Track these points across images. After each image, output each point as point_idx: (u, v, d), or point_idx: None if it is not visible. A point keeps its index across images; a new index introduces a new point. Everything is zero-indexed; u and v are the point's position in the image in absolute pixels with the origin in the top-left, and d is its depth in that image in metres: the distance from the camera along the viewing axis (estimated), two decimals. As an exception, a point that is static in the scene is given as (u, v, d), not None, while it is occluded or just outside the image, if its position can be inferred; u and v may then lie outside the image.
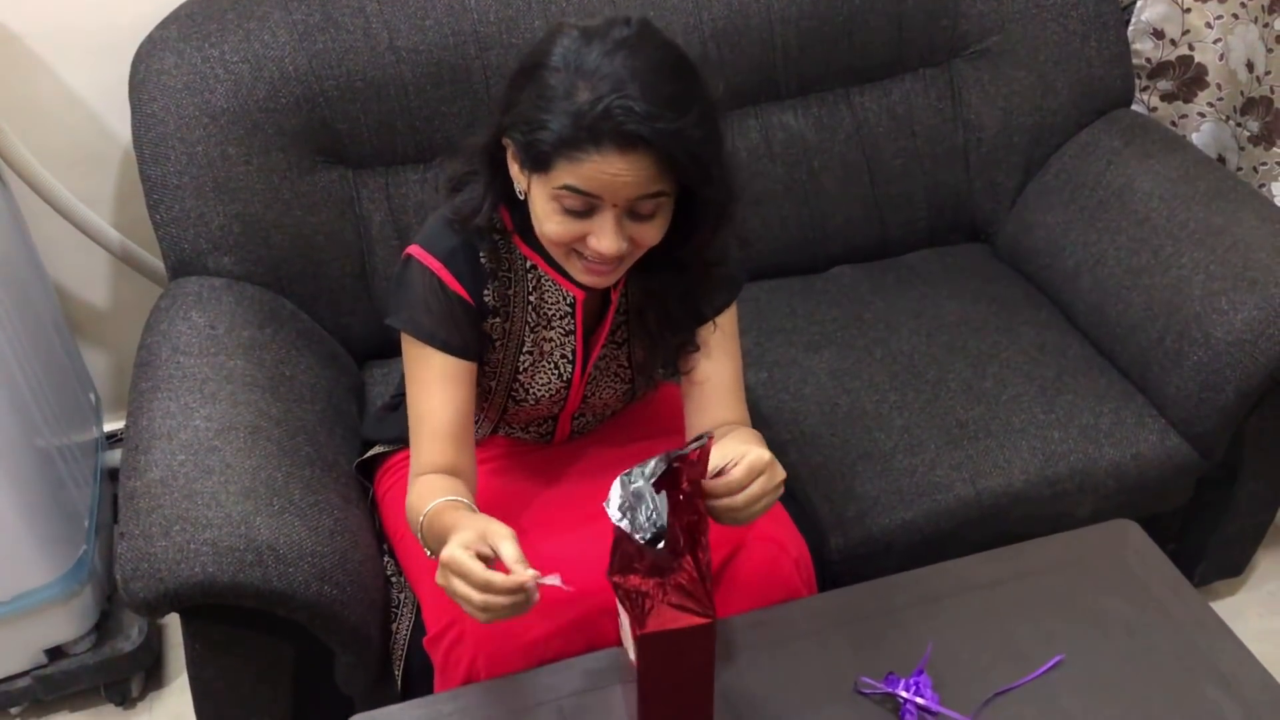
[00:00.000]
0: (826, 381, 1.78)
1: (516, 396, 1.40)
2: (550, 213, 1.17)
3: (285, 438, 1.47)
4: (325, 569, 1.35)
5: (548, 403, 1.41)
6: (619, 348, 1.40)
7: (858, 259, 2.05)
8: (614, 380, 1.43)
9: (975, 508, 1.61)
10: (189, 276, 1.69)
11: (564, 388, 1.40)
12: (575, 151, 1.10)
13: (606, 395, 1.44)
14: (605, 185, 1.12)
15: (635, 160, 1.10)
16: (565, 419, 1.48)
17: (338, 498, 1.46)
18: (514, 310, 1.33)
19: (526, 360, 1.37)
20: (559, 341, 1.37)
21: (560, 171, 1.12)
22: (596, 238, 1.16)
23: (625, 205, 1.14)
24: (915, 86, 2.01)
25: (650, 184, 1.12)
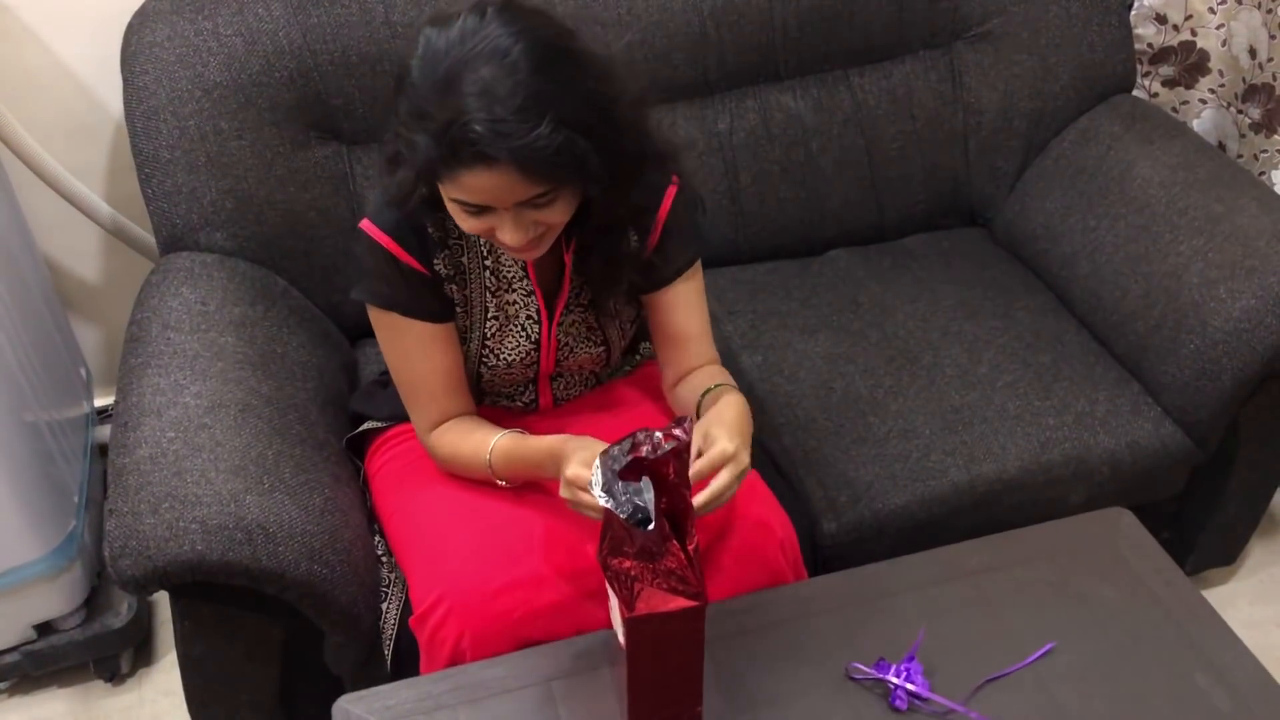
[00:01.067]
0: (821, 365, 1.77)
1: (488, 362, 1.40)
2: (456, 211, 1.19)
3: (276, 415, 1.46)
4: (315, 548, 1.34)
5: (520, 366, 1.41)
6: (585, 309, 1.40)
7: (854, 242, 2.04)
8: (586, 342, 1.42)
9: (969, 494, 1.60)
10: (180, 252, 1.68)
11: (533, 349, 1.40)
12: (445, 170, 1.13)
13: (581, 357, 1.44)
14: (485, 197, 1.14)
15: (500, 174, 1.11)
16: (544, 383, 1.48)
17: (328, 476, 1.45)
18: (470, 277, 1.34)
19: (493, 325, 1.37)
20: (522, 304, 1.37)
21: (446, 185, 1.15)
22: (500, 232, 1.19)
23: (515, 205, 1.16)
24: (915, 69, 1.99)
25: (529, 188, 1.13)
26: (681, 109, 1.91)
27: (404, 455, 1.49)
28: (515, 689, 1.22)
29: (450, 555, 1.34)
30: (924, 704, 1.20)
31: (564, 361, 1.44)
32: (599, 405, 1.52)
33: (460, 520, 1.38)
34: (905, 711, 1.19)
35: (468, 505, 1.39)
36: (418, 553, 1.38)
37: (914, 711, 1.20)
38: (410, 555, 1.40)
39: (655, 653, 1.11)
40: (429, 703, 1.21)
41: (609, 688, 1.22)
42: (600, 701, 1.21)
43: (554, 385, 1.49)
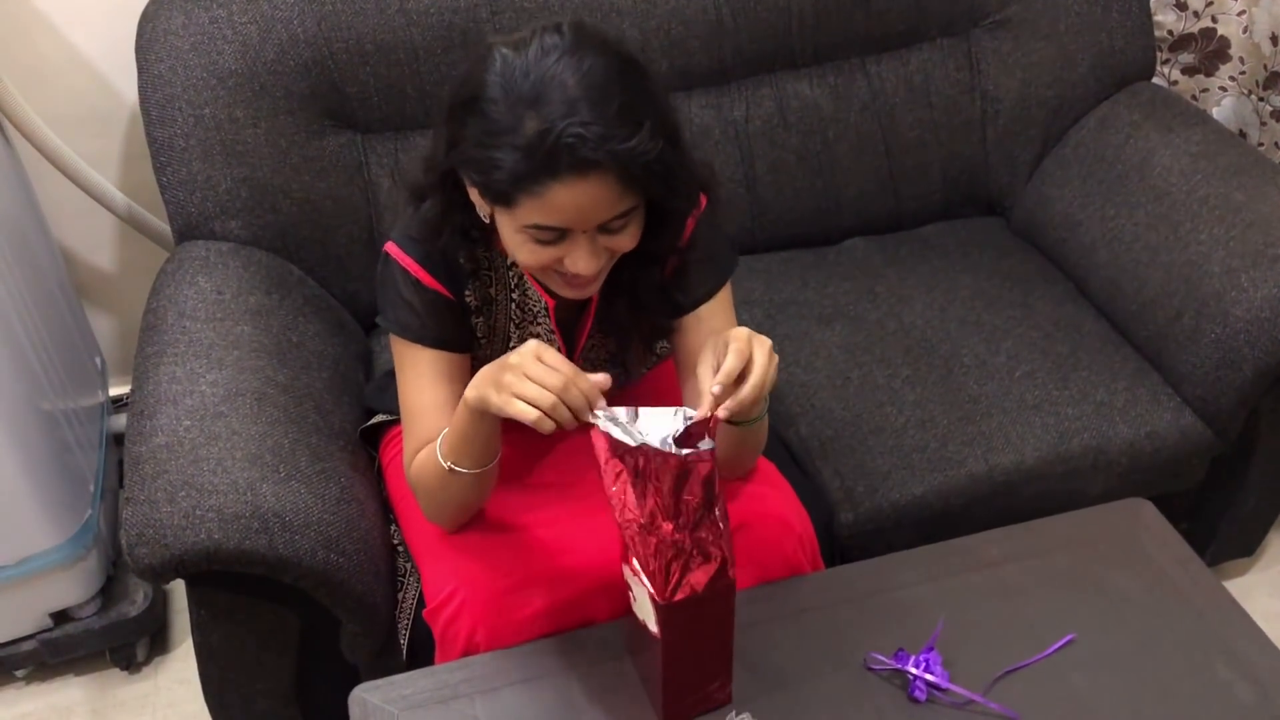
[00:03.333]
0: (838, 355, 1.76)
1: None
2: (520, 243, 1.14)
3: (292, 404, 1.46)
4: (331, 537, 1.34)
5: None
6: (606, 337, 1.38)
7: (871, 231, 2.03)
8: (605, 366, 1.40)
9: (987, 484, 1.59)
10: (195, 240, 1.67)
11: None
12: (534, 186, 1.07)
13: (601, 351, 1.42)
14: (571, 215, 1.09)
15: (597, 184, 1.07)
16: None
17: (344, 465, 1.45)
18: (497, 309, 1.31)
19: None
20: (545, 338, 1.34)
21: (523, 208, 1.09)
22: (572, 260, 1.13)
23: (594, 227, 1.11)
24: (933, 56, 1.98)
25: (616, 204, 1.10)
26: (697, 96, 1.90)
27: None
28: (531, 679, 1.22)
29: (463, 551, 1.33)
30: (943, 695, 1.19)
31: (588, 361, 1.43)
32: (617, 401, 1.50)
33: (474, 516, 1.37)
34: (924, 702, 1.19)
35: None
36: (431, 547, 1.38)
37: (933, 702, 1.19)
38: (424, 549, 1.39)
39: (689, 633, 1.10)
40: (445, 692, 1.21)
41: (625, 678, 1.22)
42: (616, 692, 1.20)
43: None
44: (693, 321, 1.32)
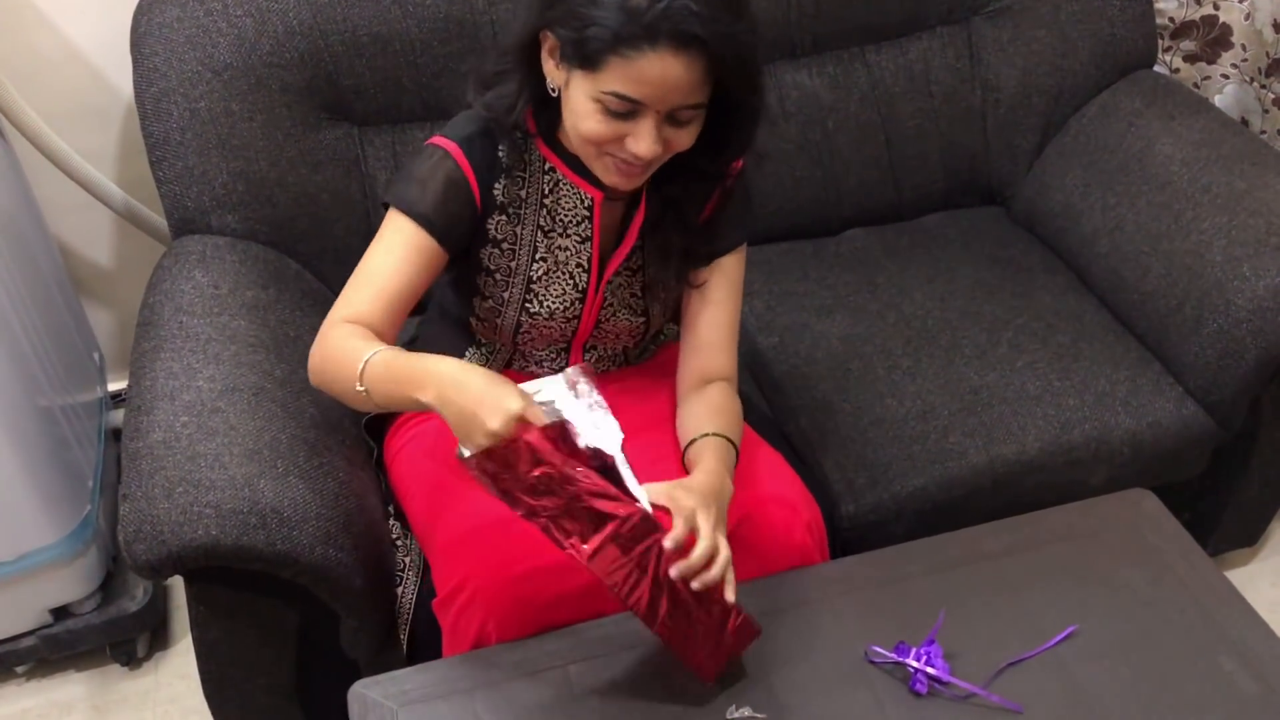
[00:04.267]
0: (838, 346, 1.76)
1: (531, 308, 1.37)
2: (590, 112, 1.17)
3: (289, 399, 1.45)
4: (330, 532, 1.33)
5: (561, 320, 1.39)
6: (634, 274, 1.39)
7: (871, 222, 2.02)
8: (628, 310, 1.41)
9: (988, 475, 1.59)
10: (192, 235, 1.67)
11: (579, 299, 1.38)
12: (629, 50, 1.11)
13: (620, 325, 1.43)
14: (653, 90, 1.13)
15: (689, 62, 1.11)
16: (577, 350, 1.46)
17: (342, 460, 1.44)
18: (525, 212, 1.33)
19: (540, 268, 1.36)
20: (574, 250, 1.36)
21: (609, 73, 1.13)
22: (634, 140, 1.17)
23: (667, 110, 1.16)
24: (933, 45, 1.97)
25: (697, 90, 1.15)
26: (696, 88, 1.89)
27: (425, 435, 1.46)
28: (533, 673, 1.21)
29: (474, 539, 1.33)
30: (944, 688, 1.19)
31: (605, 323, 1.42)
32: (624, 389, 1.49)
33: (485, 504, 1.36)
34: (925, 695, 1.18)
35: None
36: (441, 536, 1.37)
37: (934, 695, 1.19)
38: (433, 538, 1.38)
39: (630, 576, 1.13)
40: (445, 687, 1.20)
41: (627, 671, 1.21)
42: (618, 685, 1.20)
43: (586, 355, 1.48)
44: (709, 286, 1.39)
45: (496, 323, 1.40)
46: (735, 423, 1.38)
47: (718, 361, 1.41)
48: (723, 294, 1.40)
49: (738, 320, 1.42)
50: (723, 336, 1.41)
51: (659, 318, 1.45)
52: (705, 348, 1.41)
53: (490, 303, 1.38)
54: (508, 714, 1.17)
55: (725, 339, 1.41)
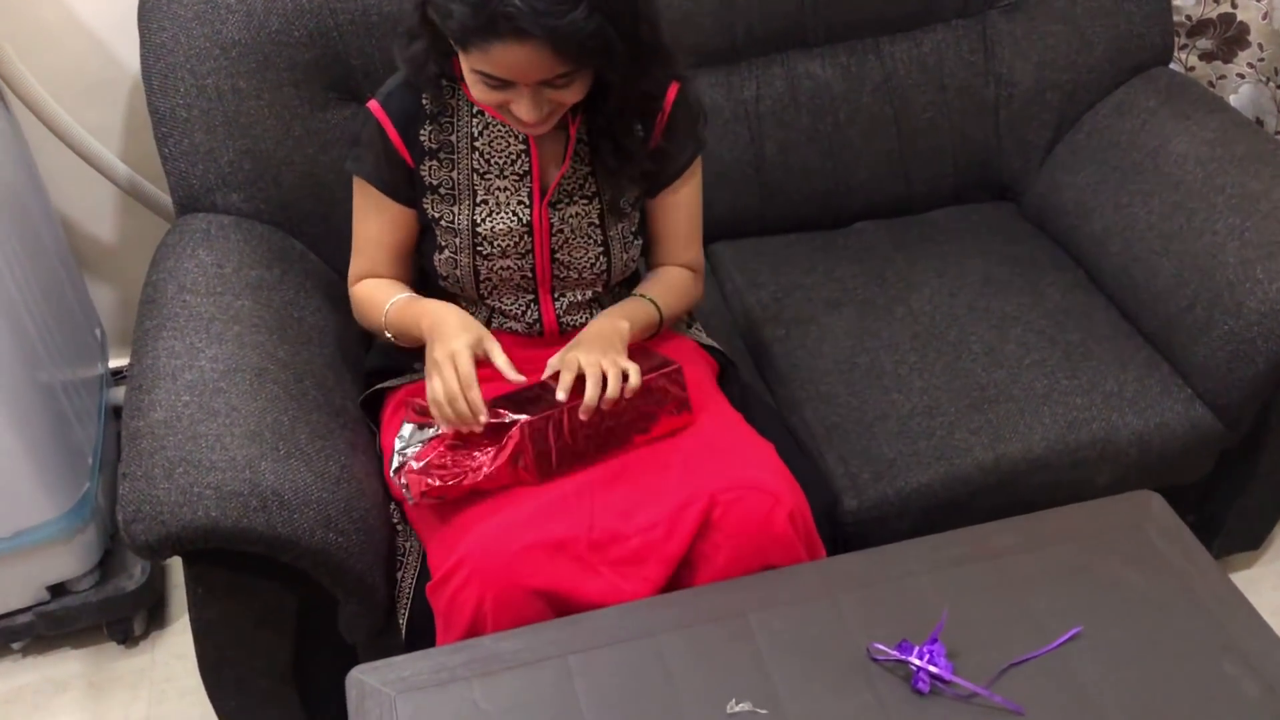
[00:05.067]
0: (845, 340, 1.75)
1: (482, 250, 1.43)
2: (474, 82, 1.27)
3: (292, 381, 1.44)
4: (330, 515, 1.32)
5: (514, 254, 1.43)
6: (589, 202, 1.43)
7: (881, 215, 2.00)
8: (584, 241, 1.45)
9: (994, 473, 1.58)
10: (197, 213, 1.65)
11: (526, 233, 1.43)
12: (479, 40, 1.20)
13: (579, 256, 1.46)
14: (511, 71, 1.22)
15: (532, 50, 1.18)
16: (545, 297, 1.48)
17: (344, 443, 1.43)
18: (458, 156, 1.41)
19: (482, 211, 1.43)
20: (513, 188, 1.42)
21: (472, 56, 1.23)
22: (517, 107, 1.26)
23: (537, 82, 1.23)
24: (947, 38, 1.95)
25: (556, 67, 1.21)
26: (707, 75, 1.87)
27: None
28: (531, 662, 1.20)
29: (470, 520, 1.33)
30: (946, 687, 1.18)
31: (562, 258, 1.45)
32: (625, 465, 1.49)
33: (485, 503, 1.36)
34: (927, 694, 1.18)
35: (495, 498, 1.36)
36: (437, 517, 1.36)
37: (936, 694, 1.18)
38: (429, 520, 1.38)
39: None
40: (444, 675, 1.20)
41: (627, 661, 1.20)
42: (617, 676, 1.19)
43: (556, 303, 1.49)
44: (668, 199, 1.48)
45: (457, 275, 1.45)
46: (668, 290, 1.51)
47: (679, 254, 1.53)
48: (685, 200, 1.49)
49: (699, 220, 1.53)
50: (683, 230, 1.52)
51: (620, 254, 1.47)
52: (664, 240, 1.52)
53: (447, 252, 1.44)
54: (506, 703, 1.17)
55: (686, 232, 1.52)
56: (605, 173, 1.42)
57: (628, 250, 1.49)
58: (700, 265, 1.58)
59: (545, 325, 1.51)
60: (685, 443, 1.40)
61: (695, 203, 1.52)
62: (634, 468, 1.37)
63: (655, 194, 1.48)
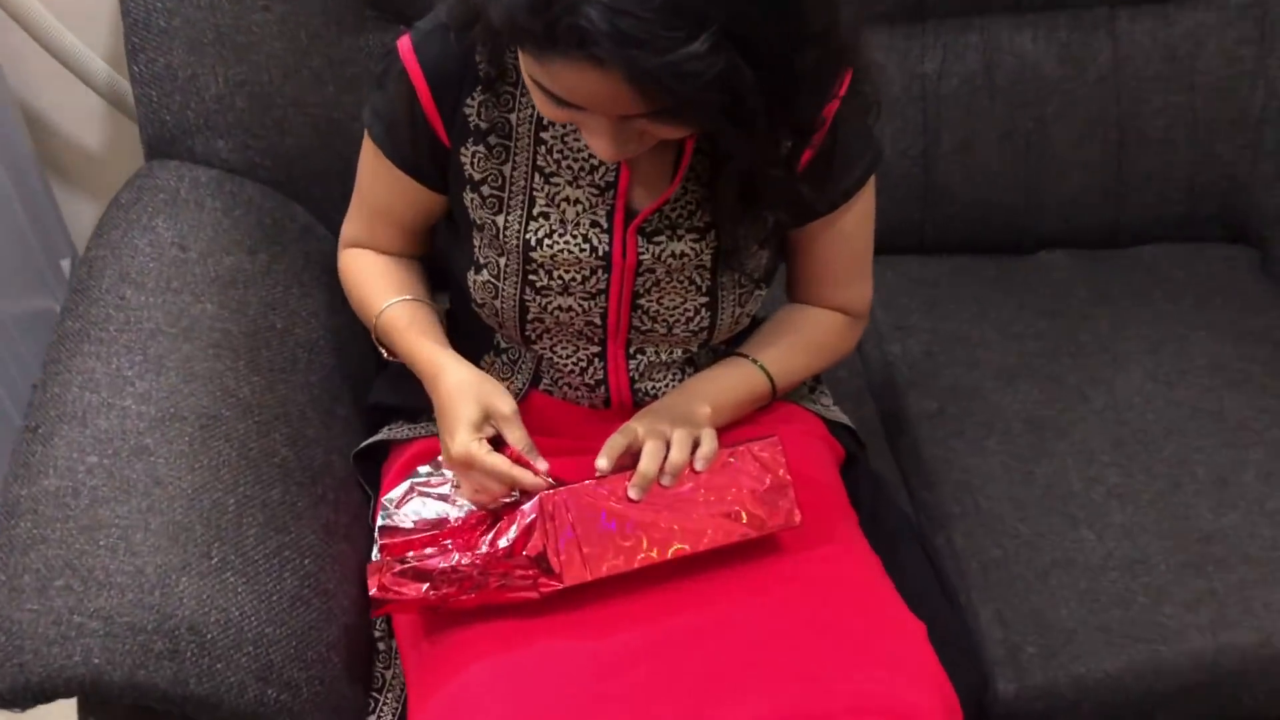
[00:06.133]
0: (1020, 433, 1.28)
1: (536, 281, 1.00)
2: (533, 87, 0.83)
3: (254, 434, 1.03)
4: (273, 662, 0.92)
5: (579, 294, 1.00)
6: (700, 237, 0.99)
7: (1076, 243, 1.52)
8: (683, 288, 1.01)
9: (1211, 670, 1.12)
10: (167, 161, 1.22)
11: (600, 267, 0.99)
12: (533, 48, 0.77)
13: (672, 307, 1.02)
14: (579, 97, 0.79)
15: (612, 82, 0.74)
16: (616, 352, 1.05)
17: (314, 534, 1.02)
18: (516, 145, 0.97)
19: (541, 226, 0.98)
20: (588, 202, 0.97)
21: (527, 60, 0.80)
22: (588, 136, 0.84)
23: (617, 115, 0.80)
24: (1211, 19, 1.43)
25: (644, 106, 0.77)
26: (879, 35, 1.39)
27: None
28: None
29: (470, 691, 0.92)
30: None
31: (647, 307, 1.01)
32: None
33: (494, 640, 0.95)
34: None
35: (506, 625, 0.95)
36: (428, 673, 0.96)
37: None
38: (418, 671, 0.98)
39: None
40: None
41: None
42: None
43: (630, 361, 1.05)
44: (824, 230, 1.04)
45: (497, 306, 1.02)
46: (796, 348, 1.10)
47: (832, 294, 1.10)
48: (843, 230, 1.05)
49: (869, 244, 1.09)
50: (842, 265, 1.09)
51: (731, 307, 1.03)
52: (815, 278, 1.09)
53: (485, 274, 1.01)
54: None
55: (847, 267, 1.09)
56: (728, 204, 0.95)
57: (744, 304, 1.05)
58: (863, 306, 1.14)
59: (613, 390, 1.08)
60: (793, 602, 0.97)
61: (864, 231, 1.08)
62: (709, 631, 0.95)
63: (805, 223, 1.03)
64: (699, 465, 0.96)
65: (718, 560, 0.98)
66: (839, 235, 1.05)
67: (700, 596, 0.97)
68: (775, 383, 1.09)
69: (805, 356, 1.12)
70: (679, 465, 0.95)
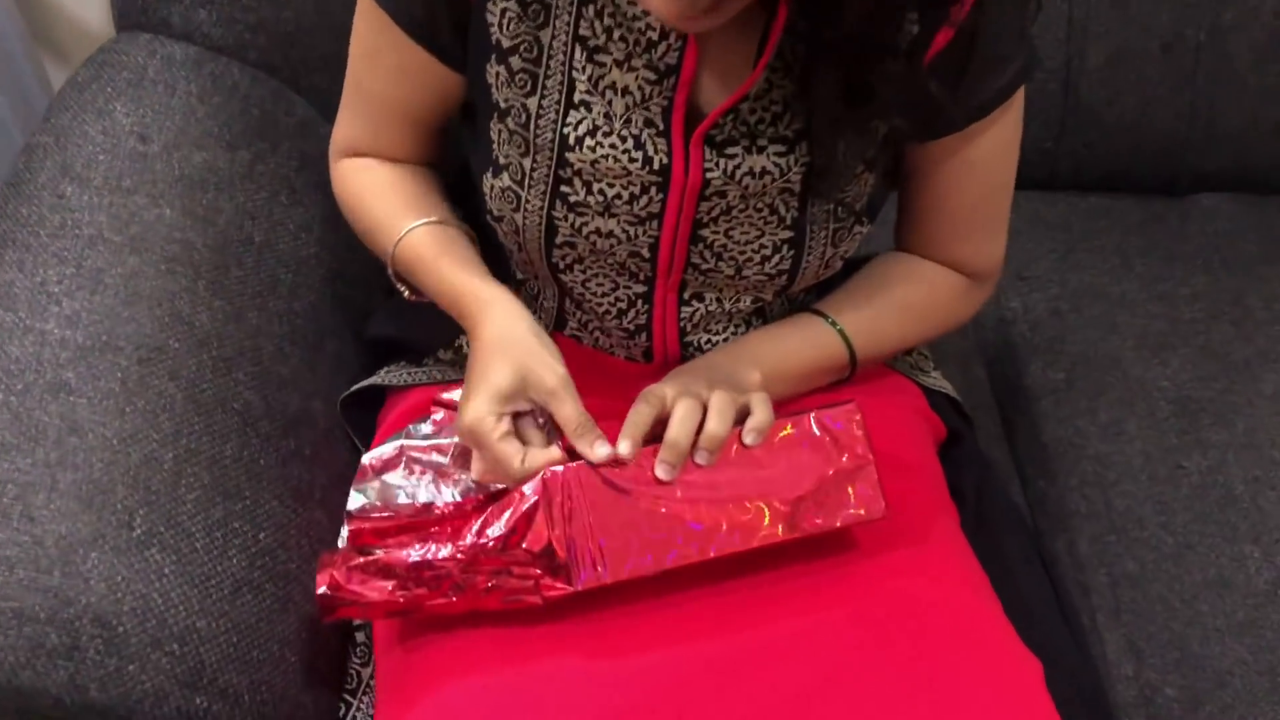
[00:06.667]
0: (1168, 417, 1.03)
1: (569, 191, 0.77)
2: None
3: (209, 372, 0.83)
4: (205, 664, 0.73)
5: (625, 218, 0.77)
6: (784, 150, 0.75)
7: (1247, 187, 1.25)
8: (760, 217, 0.78)
9: (1407, 737, 0.88)
10: (138, 33, 1.01)
11: (655, 182, 0.76)
12: None
13: (744, 241, 0.79)
14: None
15: None
16: (666, 296, 0.83)
17: (280, 498, 0.83)
18: (556, 7, 0.73)
19: (581, 119, 0.75)
20: (641, 90, 0.74)
21: None
22: None
23: None
24: None
25: None
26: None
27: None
28: None
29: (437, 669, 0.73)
30: None
31: (711, 232, 0.78)
32: None
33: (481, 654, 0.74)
34: None
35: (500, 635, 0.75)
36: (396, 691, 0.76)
37: None
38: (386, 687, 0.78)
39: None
40: None
41: None
42: None
43: (683, 309, 0.84)
44: (952, 153, 0.80)
45: (517, 223, 0.80)
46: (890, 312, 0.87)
47: (951, 244, 0.87)
48: (981, 146, 0.80)
49: (1008, 181, 0.85)
50: (968, 205, 0.84)
51: (826, 244, 0.81)
52: (933, 219, 0.86)
53: (506, 178, 0.79)
54: None
55: (972, 209, 0.85)
56: (827, 104, 0.71)
57: (838, 243, 0.81)
58: (990, 266, 0.90)
59: (656, 341, 0.86)
60: (870, 624, 0.75)
61: (1003, 164, 0.84)
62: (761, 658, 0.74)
63: (928, 139, 0.80)
64: (749, 439, 0.73)
65: (774, 562, 0.76)
66: (970, 165, 0.81)
67: (751, 611, 0.76)
68: (856, 354, 0.86)
69: (902, 323, 0.89)
70: (719, 437, 0.72)
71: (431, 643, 0.75)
